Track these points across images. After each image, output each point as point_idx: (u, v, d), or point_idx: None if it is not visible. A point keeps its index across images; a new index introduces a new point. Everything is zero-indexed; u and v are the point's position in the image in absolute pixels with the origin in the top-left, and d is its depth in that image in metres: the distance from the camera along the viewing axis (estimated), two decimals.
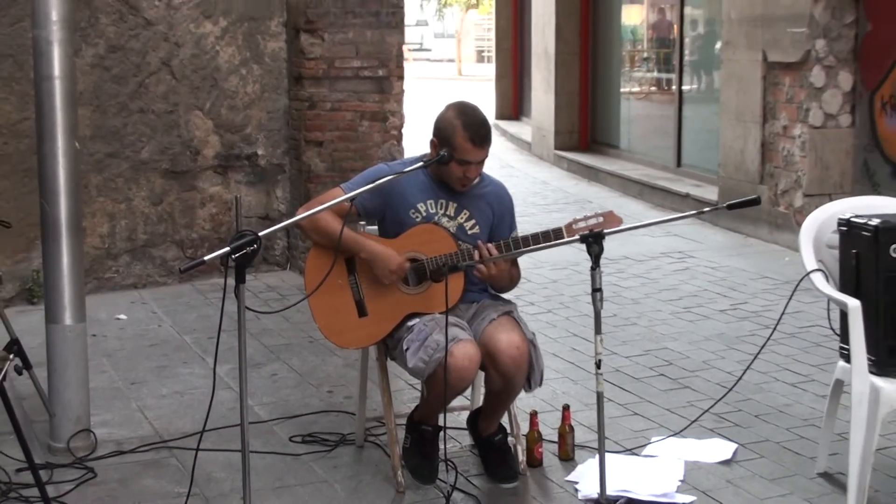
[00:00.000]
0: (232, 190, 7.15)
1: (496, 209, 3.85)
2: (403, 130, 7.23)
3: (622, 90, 11.76)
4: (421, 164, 3.63)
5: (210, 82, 7.05)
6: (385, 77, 7.08)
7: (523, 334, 3.67)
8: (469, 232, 3.79)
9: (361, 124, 7.07)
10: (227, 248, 2.95)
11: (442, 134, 3.69)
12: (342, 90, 7.02)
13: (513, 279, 3.84)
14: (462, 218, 3.80)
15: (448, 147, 3.65)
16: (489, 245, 3.64)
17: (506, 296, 3.98)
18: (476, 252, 3.64)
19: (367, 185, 3.49)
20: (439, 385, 3.55)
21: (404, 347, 3.64)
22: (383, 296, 3.73)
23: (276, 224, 3.42)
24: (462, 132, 3.66)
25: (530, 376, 3.69)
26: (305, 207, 3.73)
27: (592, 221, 3.54)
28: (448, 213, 3.79)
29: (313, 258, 3.78)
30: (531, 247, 3.58)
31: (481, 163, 3.73)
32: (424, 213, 3.78)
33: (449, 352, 3.49)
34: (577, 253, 7.23)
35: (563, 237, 3.54)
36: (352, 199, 3.44)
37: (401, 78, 7.15)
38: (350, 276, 3.75)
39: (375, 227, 3.89)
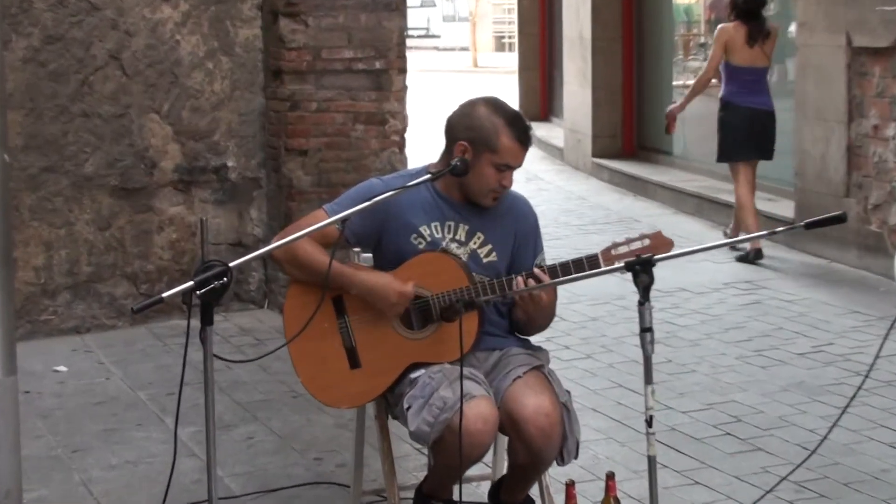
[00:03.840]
0: (196, 211, 7.18)
1: (518, 231, 3.87)
2: (406, 135, 7.27)
3: (675, 83, 11.73)
4: (428, 176, 3.65)
5: (169, 79, 7.08)
6: (383, 70, 7.10)
7: (555, 397, 3.67)
8: (484, 260, 3.81)
9: (355, 128, 7.09)
10: (191, 283, 2.97)
11: (478, 135, 3.71)
12: (331, 87, 7.04)
13: (553, 315, 3.85)
14: (475, 243, 3.82)
15: (487, 150, 3.69)
16: (537, 270, 3.65)
17: (537, 339, 3.97)
18: (490, 284, 3.66)
19: (357, 205, 3.49)
20: (448, 453, 3.54)
21: (405, 406, 3.66)
22: (380, 342, 3.74)
23: (251, 252, 3.41)
24: (507, 130, 3.71)
25: (563, 447, 3.69)
26: (281, 235, 3.72)
27: (636, 245, 3.56)
28: (458, 237, 3.81)
29: (294, 296, 3.80)
30: (560, 278, 3.61)
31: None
32: (429, 239, 3.79)
33: (458, 412, 3.49)
34: (622, 284, 7.19)
35: (598, 265, 3.56)
36: (340, 223, 3.46)
37: (402, 71, 7.17)
38: (339, 319, 3.76)
39: (370, 256, 3.92)
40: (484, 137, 3.70)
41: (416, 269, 3.72)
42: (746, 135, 8.63)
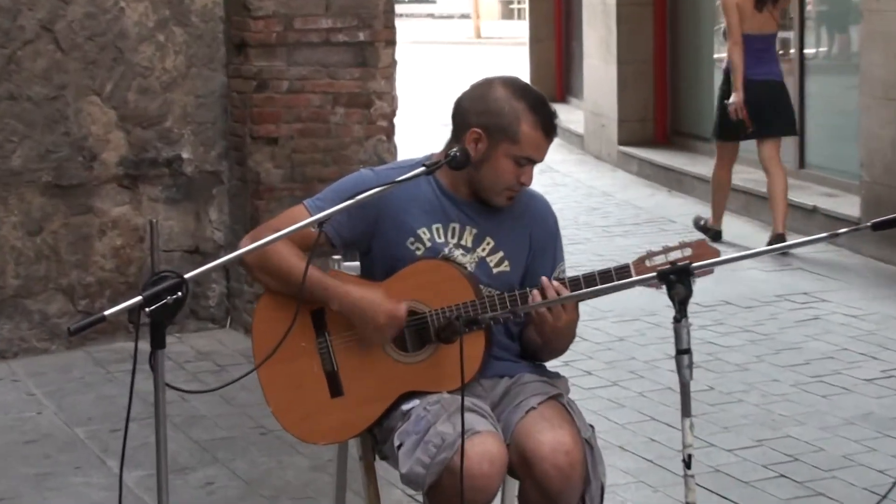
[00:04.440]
0: (145, 212, 7.16)
1: (535, 236, 3.90)
2: (396, 121, 7.25)
3: (716, 56, 11.72)
4: (422, 168, 3.62)
5: (112, 54, 7.07)
6: (368, 43, 7.11)
7: (576, 431, 3.67)
8: (494, 270, 3.82)
9: (334, 112, 7.10)
10: (139, 298, 2.98)
11: (495, 121, 3.72)
12: (305, 63, 7.06)
13: (573, 336, 3.87)
14: (484, 250, 3.83)
15: (506, 139, 3.71)
16: (555, 282, 3.66)
17: (553, 364, 3.98)
18: (501, 299, 3.66)
19: (344, 201, 3.48)
20: (447, 499, 3.52)
21: (396, 443, 3.66)
22: (367, 365, 3.75)
23: (211, 261, 3.40)
24: (530, 117, 3.72)
25: (585, 492, 3.67)
26: (252, 236, 3.76)
27: (675, 256, 3.59)
28: (464, 242, 3.82)
29: (265, 310, 3.82)
30: (584, 290, 3.62)
31: None
32: (429, 244, 3.80)
33: (459, 450, 3.48)
34: (654, 297, 6.94)
35: (631, 276, 3.58)
36: (321, 223, 3.46)
37: (391, 43, 7.18)
38: (318, 338, 3.77)
39: (357, 264, 3.93)
40: (502, 124, 3.71)
41: (412, 279, 3.73)
42: (753, 111, 8.92)
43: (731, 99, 8.99)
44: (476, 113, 3.74)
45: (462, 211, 3.82)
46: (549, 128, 3.74)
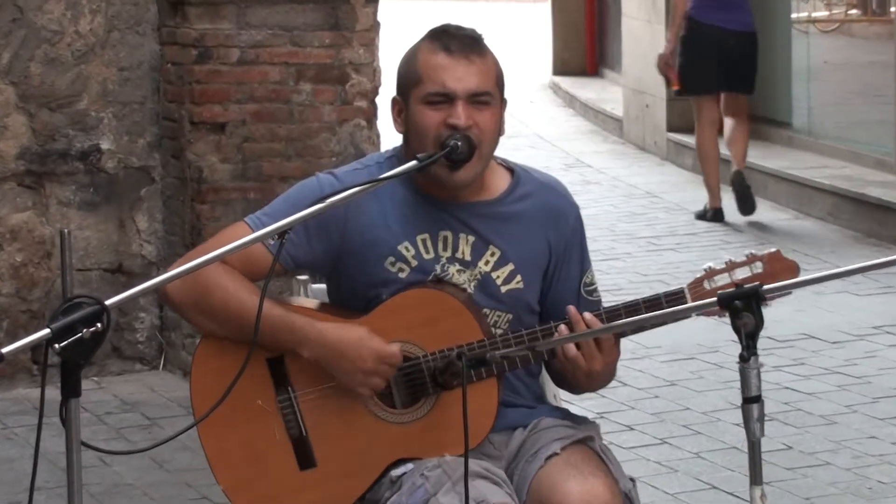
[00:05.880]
0: (53, 219, 7.20)
1: (554, 237, 3.90)
2: (379, 100, 7.15)
3: (794, 17, 11.75)
4: (413, 163, 3.60)
5: (9, 14, 7.08)
6: (342, 0, 7.12)
7: (612, 481, 3.67)
8: (504, 289, 3.84)
9: (298, 89, 7.15)
10: (46, 331, 2.94)
11: (401, 75, 3.82)
12: (261, 25, 7.11)
13: (611, 375, 3.87)
14: (488, 262, 3.84)
15: (412, 87, 3.75)
16: (587, 315, 3.67)
17: (579, 406, 4.08)
18: (516, 335, 3.67)
19: (298, 213, 3.39)
20: None
21: None
22: (346, 428, 3.76)
23: (139, 283, 3.38)
24: (426, 45, 3.80)
25: None
26: (184, 261, 3.55)
27: (742, 273, 3.59)
28: (460, 254, 3.83)
29: (207, 354, 3.82)
30: (624, 320, 3.64)
31: (478, 103, 3.74)
32: (415, 263, 3.81)
33: None
34: (715, 329, 7.09)
35: (685, 302, 3.61)
36: (274, 241, 3.39)
37: (372, 1, 7.22)
38: (280, 394, 3.79)
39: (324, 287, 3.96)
40: (405, 74, 3.80)
41: (399, 315, 3.74)
42: (715, 62, 9.77)
43: (661, 51, 9.96)
44: (397, 81, 3.85)
45: (451, 214, 3.83)
46: (449, 43, 3.76)
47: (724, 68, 9.89)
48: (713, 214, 10.03)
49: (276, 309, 3.68)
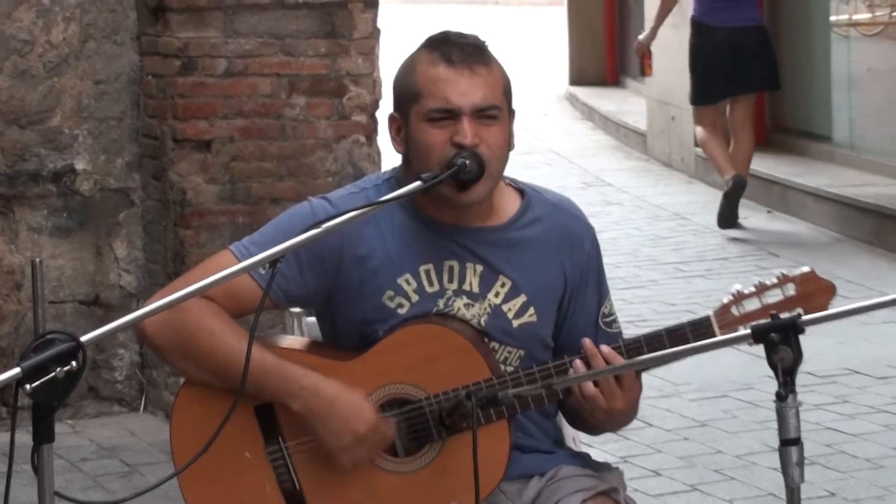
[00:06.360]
0: (23, 246, 7.24)
1: (570, 264, 3.95)
2: (380, 114, 7.08)
3: (834, 19, 11.83)
4: (418, 183, 3.63)
5: None
6: (338, 4, 7.16)
7: None
8: (515, 323, 3.89)
9: (292, 103, 7.15)
10: (16, 370, 2.98)
11: (398, 90, 3.85)
12: (251, 33, 7.14)
13: (633, 414, 3.92)
14: (498, 294, 3.88)
15: (412, 104, 3.76)
16: (605, 348, 3.72)
17: (600, 450, 4.08)
18: (528, 373, 3.75)
19: (288, 240, 3.42)
20: None
21: None
22: (343, 481, 3.81)
23: (118, 317, 3.49)
24: (424, 55, 3.81)
25: None
26: (166, 291, 3.71)
27: (774, 298, 3.65)
28: (467, 286, 3.87)
29: (188, 402, 3.86)
30: (647, 356, 3.69)
31: (486, 117, 3.75)
32: (416, 297, 3.85)
33: None
34: (750, 364, 7.14)
35: (713, 334, 3.67)
36: (265, 273, 3.43)
37: (371, 5, 7.28)
38: (270, 445, 3.84)
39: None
40: (403, 88, 3.83)
41: (398, 354, 3.79)
42: (730, 65, 10.07)
43: (639, 37, 10.36)
44: (393, 98, 3.90)
45: (457, 241, 3.86)
46: (450, 53, 3.77)
47: (740, 69, 10.11)
48: (735, 185, 10.30)
49: (268, 358, 3.74)
